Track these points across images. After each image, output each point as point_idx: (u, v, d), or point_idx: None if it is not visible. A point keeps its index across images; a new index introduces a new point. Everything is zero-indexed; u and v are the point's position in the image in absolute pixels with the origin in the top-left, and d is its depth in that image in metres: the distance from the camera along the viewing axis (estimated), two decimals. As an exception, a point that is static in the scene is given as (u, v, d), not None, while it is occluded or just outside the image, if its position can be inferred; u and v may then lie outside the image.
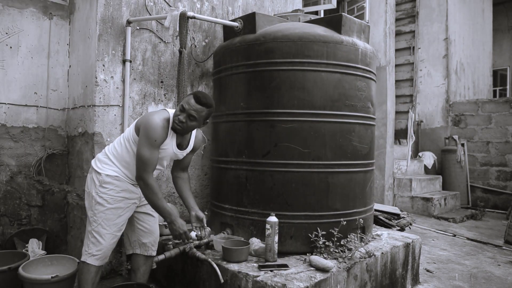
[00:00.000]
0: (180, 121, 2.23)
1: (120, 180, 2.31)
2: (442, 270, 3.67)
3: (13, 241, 3.14)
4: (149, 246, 2.50)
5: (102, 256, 2.30)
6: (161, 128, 2.21)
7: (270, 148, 2.75)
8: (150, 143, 2.18)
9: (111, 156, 2.34)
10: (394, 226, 3.70)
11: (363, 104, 2.92)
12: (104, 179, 2.28)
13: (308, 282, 2.23)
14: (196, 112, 2.22)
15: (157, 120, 2.21)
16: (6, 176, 3.23)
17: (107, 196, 2.27)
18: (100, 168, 2.31)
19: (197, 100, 2.23)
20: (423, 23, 7.90)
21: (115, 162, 2.32)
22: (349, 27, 2.90)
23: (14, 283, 2.57)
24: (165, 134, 2.24)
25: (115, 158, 2.33)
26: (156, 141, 2.20)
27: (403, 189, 6.45)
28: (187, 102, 2.23)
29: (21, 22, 3.27)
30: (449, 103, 7.57)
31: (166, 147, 2.30)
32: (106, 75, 3.06)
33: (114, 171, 2.30)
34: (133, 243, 2.50)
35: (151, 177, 2.21)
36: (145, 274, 2.53)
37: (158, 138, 2.20)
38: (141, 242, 2.49)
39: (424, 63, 7.88)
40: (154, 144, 2.20)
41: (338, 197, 2.79)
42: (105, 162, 2.33)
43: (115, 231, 2.31)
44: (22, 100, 3.29)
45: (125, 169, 2.32)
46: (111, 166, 2.31)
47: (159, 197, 2.23)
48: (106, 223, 2.27)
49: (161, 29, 3.35)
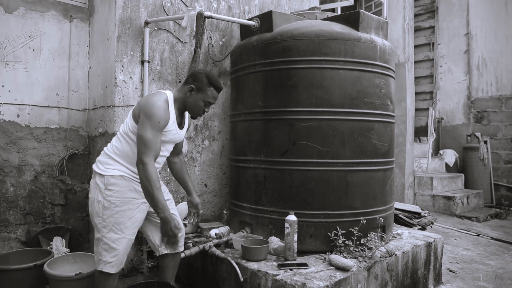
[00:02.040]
0: (205, 112, 2.33)
1: (125, 179, 2.17)
2: (465, 270, 3.60)
3: (38, 239, 3.22)
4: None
5: (117, 262, 2.17)
6: (164, 110, 2.12)
7: (288, 147, 2.74)
8: (153, 125, 2.06)
9: (112, 154, 2.21)
10: (415, 225, 3.64)
11: (382, 102, 2.88)
12: (109, 181, 2.15)
13: (328, 281, 2.22)
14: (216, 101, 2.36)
15: (159, 102, 2.11)
16: (31, 175, 3.31)
17: (114, 199, 2.14)
18: (103, 170, 2.18)
19: (219, 91, 2.32)
20: (443, 18, 7.74)
21: (118, 159, 2.19)
22: (367, 24, 2.87)
23: (40, 280, 2.64)
24: (167, 116, 2.15)
25: (117, 156, 2.20)
26: (160, 123, 2.09)
27: (424, 188, 6.35)
28: (214, 98, 2.30)
29: (43, 25, 3.34)
30: (471, 99, 7.40)
31: (170, 129, 2.20)
32: (125, 76, 3.10)
33: (119, 170, 2.17)
34: (160, 245, 2.39)
35: (152, 163, 2.04)
36: (173, 270, 2.47)
37: (161, 120, 2.10)
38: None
39: (444, 59, 7.72)
40: (158, 126, 2.09)
41: (358, 196, 2.76)
42: (107, 162, 2.20)
43: (128, 235, 2.18)
44: (44, 101, 3.37)
45: (130, 165, 2.19)
46: (114, 165, 2.18)
47: (157, 186, 2.05)
48: (117, 227, 2.14)
49: (178, 29, 3.38)
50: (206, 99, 2.26)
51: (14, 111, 3.23)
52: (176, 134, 2.28)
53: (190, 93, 2.26)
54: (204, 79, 2.25)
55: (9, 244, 3.22)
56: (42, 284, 2.68)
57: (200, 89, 2.25)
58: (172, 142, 2.34)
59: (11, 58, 3.20)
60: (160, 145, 2.14)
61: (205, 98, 2.26)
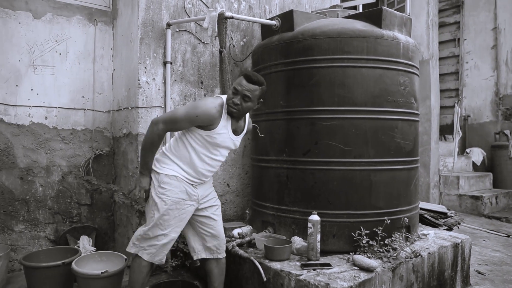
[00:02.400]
0: (235, 103, 2.18)
1: (178, 180, 2.24)
2: (495, 272, 3.49)
3: (66, 238, 3.31)
4: (213, 249, 2.43)
5: (151, 252, 2.26)
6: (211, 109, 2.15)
7: (310, 146, 2.72)
8: (189, 112, 2.14)
9: (169, 154, 2.29)
10: (441, 226, 3.55)
11: (406, 100, 2.83)
12: (162, 179, 2.24)
13: (352, 281, 2.19)
14: (249, 92, 2.18)
15: (208, 102, 2.17)
16: (58, 176, 3.41)
17: (165, 197, 2.22)
18: (159, 167, 2.27)
19: (248, 80, 2.18)
20: (468, 13, 7.54)
21: (174, 160, 2.27)
22: (389, 21, 2.82)
23: (68, 277, 2.71)
24: (213, 117, 2.16)
25: (174, 156, 2.27)
26: (197, 116, 2.13)
27: (450, 187, 6.20)
28: (239, 84, 2.18)
29: (68, 29, 3.43)
30: (499, 96, 7.18)
31: (222, 132, 2.22)
32: (148, 77, 3.15)
33: (173, 171, 2.25)
34: (197, 248, 2.44)
35: (163, 130, 2.18)
36: (219, 278, 2.47)
37: (200, 115, 2.13)
38: (206, 246, 2.43)
39: (471, 55, 7.52)
40: (193, 118, 2.14)
41: (382, 195, 2.72)
42: (163, 161, 2.28)
43: (171, 232, 2.26)
44: (70, 103, 3.46)
45: (185, 166, 2.26)
46: (170, 165, 2.26)
47: (153, 149, 2.22)
48: (162, 224, 2.23)
49: (199, 31, 3.41)
50: (234, 86, 2.22)
51: (42, 113, 3.33)
52: (228, 138, 2.28)
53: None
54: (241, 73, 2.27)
55: (39, 242, 3.32)
56: (70, 282, 2.75)
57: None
58: (226, 147, 2.33)
59: (39, 62, 3.30)
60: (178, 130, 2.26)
61: (234, 85, 2.22)
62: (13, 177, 3.22)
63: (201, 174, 2.30)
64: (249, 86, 2.18)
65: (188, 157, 2.25)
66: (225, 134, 2.25)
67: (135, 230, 3.15)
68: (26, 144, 3.25)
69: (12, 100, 3.20)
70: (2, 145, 3.16)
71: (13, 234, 3.22)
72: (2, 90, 3.16)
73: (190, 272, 3.14)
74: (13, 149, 3.21)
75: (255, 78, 2.19)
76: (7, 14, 3.17)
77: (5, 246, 2.96)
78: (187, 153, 2.25)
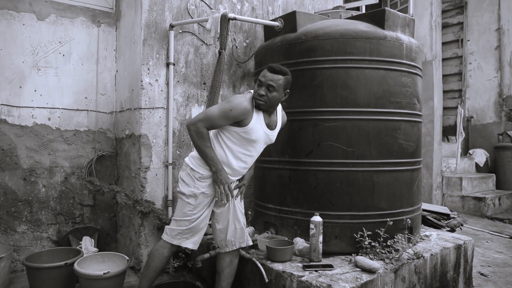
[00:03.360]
0: (260, 95, 2.22)
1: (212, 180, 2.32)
2: (498, 274, 3.48)
3: (68, 238, 3.32)
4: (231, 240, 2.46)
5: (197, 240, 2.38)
6: (243, 104, 2.18)
7: (313, 147, 2.72)
8: (223, 108, 2.18)
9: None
10: (443, 227, 3.54)
11: (409, 101, 2.82)
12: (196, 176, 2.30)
13: (354, 283, 2.19)
14: (273, 82, 2.21)
15: (242, 98, 2.21)
16: (61, 177, 3.42)
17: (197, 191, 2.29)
18: (194, 165, 2.32)
19: (271, 70, 2.22)
20: (472, 13, 7.52)
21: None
22: (392, 21, 2.82)
23: (70, 278, 2.71)
24: (245, 111, 2.19)
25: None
26: (231, 111, 2.16)
27: (453, 188, 6.18)
28: (263, 75, 2.22)
29: (72, 31, 3.44)
30: (503, 97, 7.15)
31: (254, 126, 2.24)
32: (151, 79, 3.16)
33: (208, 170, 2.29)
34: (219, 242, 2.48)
35: (203, 126, 2.19)
36: (228, 279, 2.49)
37: (234, 109, 2.16)
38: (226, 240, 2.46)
39: (474, 56, 7.50)
40: (227, 113, 2.17)
41: (384, 197, 2.72)
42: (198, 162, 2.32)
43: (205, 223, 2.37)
44: (74, 104, 3.47)
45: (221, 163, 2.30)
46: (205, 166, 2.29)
47: (208, 145, 2.23)
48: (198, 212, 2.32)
49: (202, 32, 3.41)
50: (258, 78, 2.25)
51: (46, 114, 3.34)
52: (263, 133, 2.31)
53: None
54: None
55: (42, 243, 3.33)
56: (73, 282, 2.75)
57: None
58: (261, 142, 2.36)
59: (42, 63, 3.32)
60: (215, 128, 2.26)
61: (258, 78, 2.26)
62: (16, 178, 3.23)
63: (236, 171, 2.36)
64: (272, 76, 2.22)
65: (224, 157, 2.29)
66: (260, 129, 2.29)
67: (137, 231, 3.17)
68: (29, 145, 3.26)
69: (15, 101, 3.21)
70: (6, 146, 3.18)
71: (16, 234, 3.23)
72: (6, 91, 3.18)
73: (192, 273, 3.14)
74: (17, 150, 3.22)
75: (277, 68, 2.23)
76: (11, 16, 3.18)
77: (8, 247, 2.97)
78: (223, 153, 2.29)
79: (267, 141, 2.40)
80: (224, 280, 2.48)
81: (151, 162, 3.16)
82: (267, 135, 2.34)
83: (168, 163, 3.21)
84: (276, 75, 2.22)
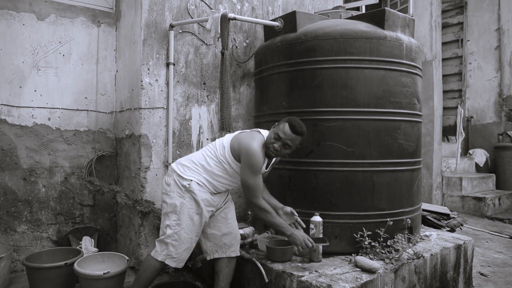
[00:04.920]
0: (275, 149, 2.30)
1: (203, 188, 2.35)
2: (498, 274, 3.48)
3: (68, 238, 3.32)
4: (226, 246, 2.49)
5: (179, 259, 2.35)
6: (262, 156, 2.29)
7: (313, 148, 2.72)
8: (255, 172, 2.26)
9: (199, 167, 2.37)
10: (443, 227, 3.54)
11: (409, 101, 2.82)
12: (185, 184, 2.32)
13: (354, 283, 2.19)
14: (291, 142, 2.29)
15: (258, 149, 2.27)
16: (61, 177, 3.42)
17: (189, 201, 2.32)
18: (183, 173, 2.35)
19: (293, 130, 2.28)
20: (472, 13, 7.52)
21: (202, 173, 2.36)
22: (392, 21, 2.82)
23: (70, 278, 2.71)
24: (263, 159, 2.33)
25: (205, 170, 2.36)
26: (260, 168, 2.29)
27: (453, 188, 6.18)
28: (283, 132, 2.28)
29: (72, 31, 3.44)
30: (503, 97, 7.15)
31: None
32: (151, 79, 3.16)
33: (198, 180, 2.34)
34: (209, 249, 2.51)
35: (262, 201, 2.32)
36: (227, 278, 2.50)
37: (261, 165, 2.29)
38: (218, 245, 2.49)
39: (474, 56, 7.50)
40: (258, 172, 2.28)
41: (384, 197, 2.72)
42: (191, 169, 2.36)
43: (194, 236, 2.36)
44: (74, 104, 3.47)
45: (213, 180, 2.37)
46: (197, 175, 2.35)
47: (274, 215, 2.33)
48: (189, 228, 2.32)
49: (202, 32, 3.41)
50: (276, 131, 2.30)
51: (46, 114, 3.34)
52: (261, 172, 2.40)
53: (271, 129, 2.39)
54: (285, 117, 2.36)
55: (41, 243, 3.33)
56: (73, 282, 2.75)
57: (277, 125, 2.36)
58: None
59: (42, 63, 3.32)
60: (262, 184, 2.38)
61: (276, 131, 2.31)
62: (16, 178, 3.23)
63: (219, 189, 2.45)
64: (292, 136, 2.29)
65: (219, 177, 2.38)
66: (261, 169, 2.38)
67: (137, 231, 3.17)
68: (29, 145, 3.26)
69: (15, 101, 3.21)
70: (6, 146, 3.17)
71: (16, 234, 3.23)
72: (6, 91, 3.18)
73: (192, 273, 3.14)
74: (17, 150, 3.22)
75: (299, 129, 2.29)
76: (11, 16, 3.18)
77: (8, 247, 2.97)
78: (221, 173, 2.37)
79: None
80: (222, 280, 2.49)
81: (151, 162, 3.17)
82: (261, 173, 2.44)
83: (168, 163, 3.21)
84: (296, 135, 2.30)
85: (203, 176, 2.36)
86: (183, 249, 2.33)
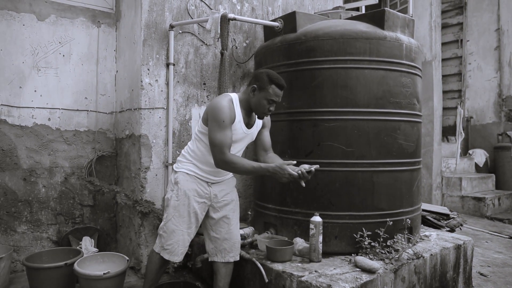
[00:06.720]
0: (270, 110, 2.31)
1: (190, 177, 2.36)
2: (497, 274, 3.48)
3: (68, 239, 3.32)
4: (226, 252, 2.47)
5: (171, 250, 2.36)
6: (228, 109, 2.22)
7: (313, 148, 2.72)
8: (219, 125, 2.20)
9: (186, 154, 2.42)
10: (443, 227, 3.55)
11: (409, 101, 2.82)
12: (178, 176, 2.38)
13: (354, 283, 2.19)
14: (280, 98, 2.32)
15: (223, 102, 2.24)
16: (61, 177, 3.42)
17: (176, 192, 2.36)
18: (177, 167, 2.43)
19: (281, 88, 2.29)
20: (471, 14, 7.53)
21: (190, 159, 2.38)
22: (392, 22, 2.82)
23: (70, 278, 2.72)
24: (233, 114, 2.25)
25: (190, 156, 2.39)
26: (224, 121, 2.20)
27: (452, 188, 6.18)
28: (276, 95, 2.27)
29: (72, 31, 3.45)
30: (502, 97, 7.16)
31: (236, 128, 2.29)
32: (151, 79, 3.16)
33: (188, 169, 2.37)
34: (210, 250, 2.51)
35: (229, 155, 2.19)
36: (226, 278, 2.50)
37: (225, 118, 2.20)
38: (218, 249, 2.48)
39: (474, 56, 7.51)
40: (223, 125, 2.20)
41: (384, 197, 2.72)
42: (181, 161, 2.42)
43: (185, 228, 2.36)
44: (74, 105, 3.47)
45: (202, 164, 2.35)
46: (186, 165, 2.39)
47: (244, 163, 2.20)
48: (176, 219, 2.35)
49: (202, 32, 3.41)
50: (268, 97, 2.27)
51: (46, 114, 3.34)
52: (243, 133, 2.36)
53: (253, 93, 2.30)
54: (265, 77, 2.28)
55: (42, 243, 3.33)
56: (73, 282, 2.75)
57: (262, 88, 2.28)
58: (240, 142, 2.40)
59: (42, 64, 3.32)
60: (231, 139, 2.24)
61: (267, 96, 2.27)
62: (16, 178, 3.23)
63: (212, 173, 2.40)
64: (281, 93, 2.31)
65: (206, 155, 2.34)
66: (239, 129, 2.32)
67: (137, 231, 3.17)
68: (29, 145, 3.27)
69: (15, 102, 3.21)
70: (6, 146, 3.18)
71: (16, 235, 3.23)
72: (6, 91, 3.18)
73: (192, 273, 3.14)
74: (17, 150, 3.22)
75: (284, 84, 2.30)
76: (11, 16, 3.18)
77: (8, 247, 2.97)
78: (205, 150, 2.34)
79: (247, 140, 2.45)
80: (221, 280, 2.49)
81: (151, 162, 3.17)
82: (246, 134, 2.39)
83: (168, 163, 3.21)
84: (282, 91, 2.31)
85: (193, 163, 2.37)
86: (174, 240, 2.35)
